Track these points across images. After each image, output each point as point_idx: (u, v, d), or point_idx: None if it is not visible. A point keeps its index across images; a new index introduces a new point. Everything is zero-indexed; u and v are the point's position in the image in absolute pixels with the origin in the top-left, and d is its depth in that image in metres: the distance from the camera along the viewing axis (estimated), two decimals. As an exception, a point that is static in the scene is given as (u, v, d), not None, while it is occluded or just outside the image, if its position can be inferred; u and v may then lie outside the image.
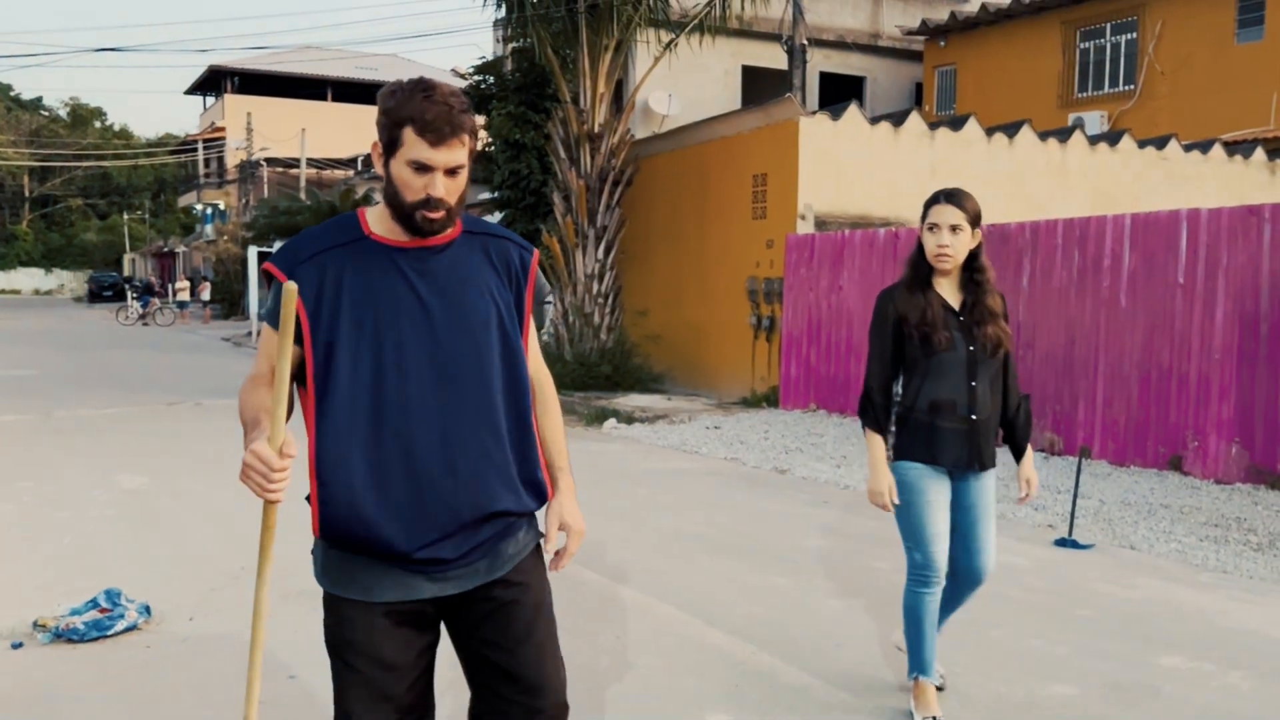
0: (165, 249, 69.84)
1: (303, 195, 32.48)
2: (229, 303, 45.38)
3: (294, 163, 43.23)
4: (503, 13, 17.02)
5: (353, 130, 54.66)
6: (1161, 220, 10.19)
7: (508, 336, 2.46)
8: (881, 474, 4.07)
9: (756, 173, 15.47)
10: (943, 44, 23.31)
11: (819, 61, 22.77)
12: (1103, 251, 10.77)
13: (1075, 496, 7.81)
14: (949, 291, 4.08)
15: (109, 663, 4.87)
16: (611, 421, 13.48)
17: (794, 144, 14.69)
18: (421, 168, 2.30)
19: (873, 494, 4.09)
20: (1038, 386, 11.23)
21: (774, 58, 20.53)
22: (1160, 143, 17.21)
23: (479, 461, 2.38)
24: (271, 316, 2.37)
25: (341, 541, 2.38)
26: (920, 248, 4.08)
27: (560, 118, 16.68)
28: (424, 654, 2.49)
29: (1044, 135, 16.50)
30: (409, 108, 2.29)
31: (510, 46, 20.13)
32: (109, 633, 5.17)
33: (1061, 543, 7.40)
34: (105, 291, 64.10)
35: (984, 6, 22.30)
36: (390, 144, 2.34)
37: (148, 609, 5.45)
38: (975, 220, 4.00)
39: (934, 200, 4.04)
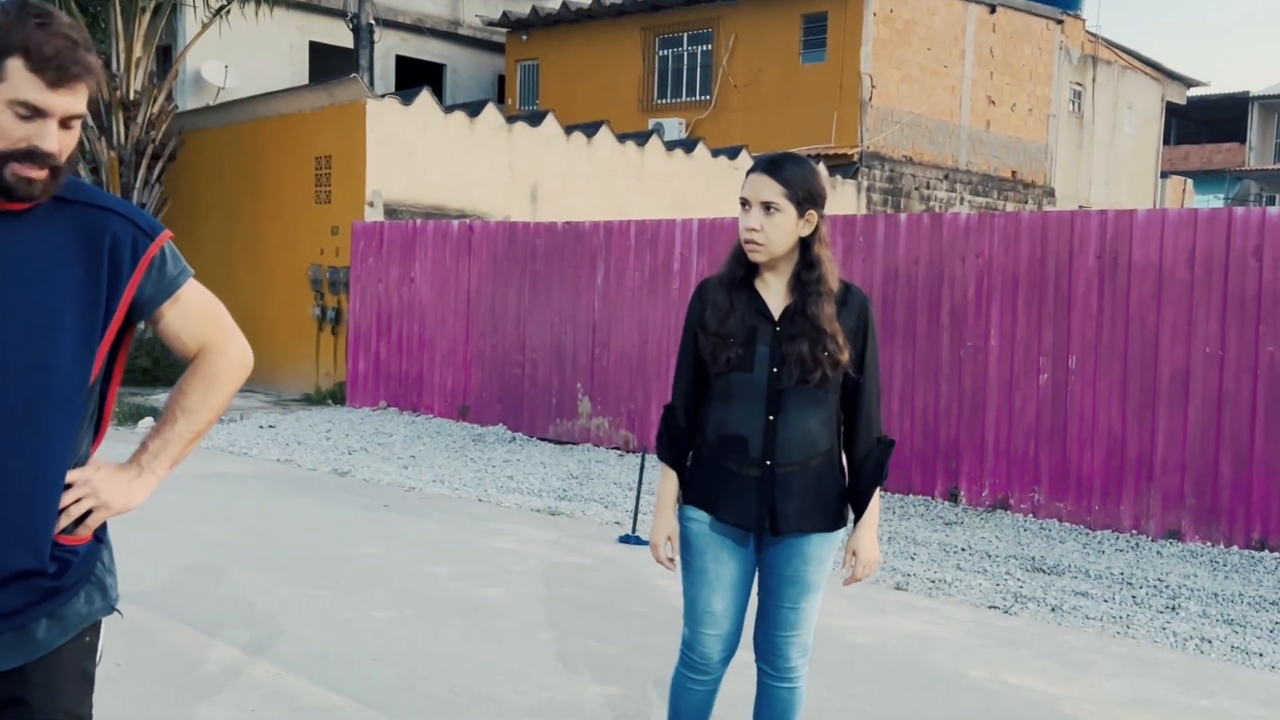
0: None
1: None
2: None
3: None
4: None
5: None
6: (727, 226, 10.25)
7: (86, 341, 1.95)
8: (663, 519, 3.20)
9: (320, 154, 14.60)
10: (525, 38, 22.90)
11: (395, 45, 21.82)
12: (673, 254, 10.84)
13: (639, 493, 7.72)
14: (776, 293, 3.08)
15: None
16: (148, 420, 12.06)
17: (361, 127, 13.97)
18: (34, 112, 1.84)
19: (651, 544, 3.26)
20: (613, 386, 11.21)
21: (346, 36, 19.44)
22: (732, 153, 17.69)
23: (3, 499, 1.92)
24: None
25: None
26: None
27: (89, 82, 14.84)
28: None
29: (623, 138, 16.64)
30: (19, 34, 1.82)
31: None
32: None
33: (625, 539, 7.37)
34: None
35: (565, 4, 22.09)
36: None
37: None
38: (805, 199, 3.00)
39: (750, 170, 3.08)
